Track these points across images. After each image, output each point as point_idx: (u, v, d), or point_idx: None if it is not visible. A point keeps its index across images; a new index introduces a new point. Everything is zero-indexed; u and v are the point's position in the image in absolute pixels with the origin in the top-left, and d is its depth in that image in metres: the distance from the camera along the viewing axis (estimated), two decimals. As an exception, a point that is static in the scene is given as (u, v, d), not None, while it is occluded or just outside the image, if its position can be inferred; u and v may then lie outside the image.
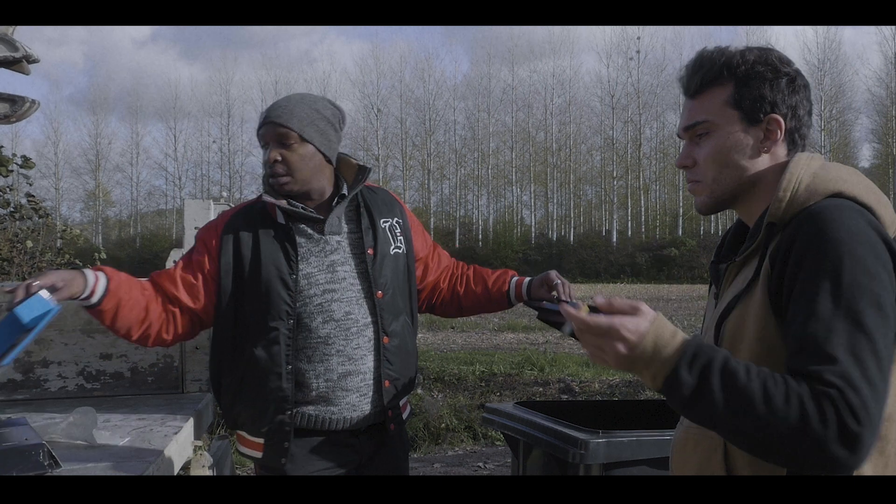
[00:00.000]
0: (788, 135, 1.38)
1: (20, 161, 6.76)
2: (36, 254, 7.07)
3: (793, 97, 1.38)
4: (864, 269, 1.21)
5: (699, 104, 1.41)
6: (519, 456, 2.60)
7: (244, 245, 2.17)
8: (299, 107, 2.17)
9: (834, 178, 1.33)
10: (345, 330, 2.16)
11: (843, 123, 41.95)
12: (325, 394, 2.16)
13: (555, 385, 8.37)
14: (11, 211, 6.97)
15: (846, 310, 1.19)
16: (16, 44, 2.42)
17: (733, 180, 1.40)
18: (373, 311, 2.20)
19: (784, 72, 1.37)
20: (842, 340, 1.18)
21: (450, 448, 6.52)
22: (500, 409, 2.66)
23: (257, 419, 2.17)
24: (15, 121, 2.47)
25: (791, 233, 1.27)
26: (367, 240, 2.23)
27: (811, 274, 1.22)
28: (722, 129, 1.39)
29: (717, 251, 1.54)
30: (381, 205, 2.32)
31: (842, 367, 1.16)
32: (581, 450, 2.19)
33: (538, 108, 45.92)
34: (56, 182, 45.93)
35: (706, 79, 1.40)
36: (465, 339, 12.63)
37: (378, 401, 2.21)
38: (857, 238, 1.23)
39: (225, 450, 3.10)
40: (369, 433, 2.24)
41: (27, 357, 2.69)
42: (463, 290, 2.48)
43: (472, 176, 46.93)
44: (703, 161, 1.41)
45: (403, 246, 2.31)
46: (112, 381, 2.72)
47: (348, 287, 2.19)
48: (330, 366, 2.15)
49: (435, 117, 45.84)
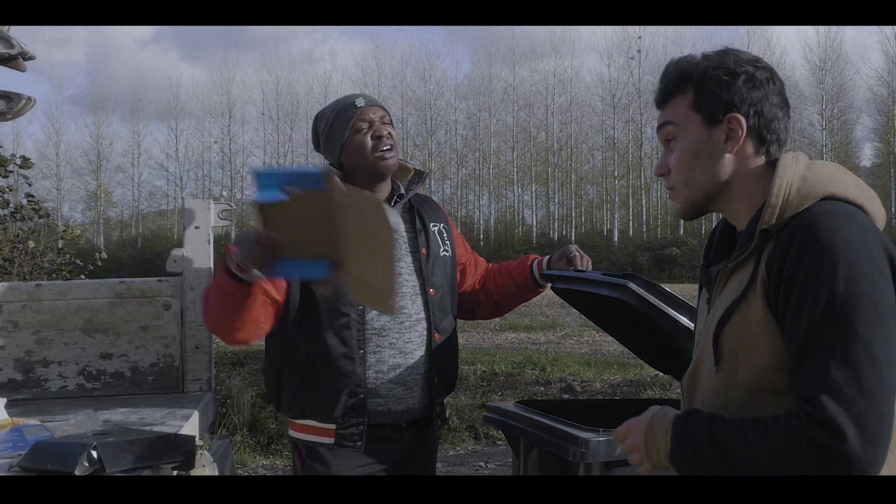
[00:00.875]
0: (753, 132, 1.39)
1: (19, 161, 6.77)
2: (37, 254, 7.07)
3: (753, 94, 1.39)
4: (859, 276, 1.21)
5: (664, 115, 1.47)
6: (520, 455, 2.60)
7: None
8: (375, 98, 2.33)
9: (824, 179, 1.34)
10: (398, 323, 2.21)
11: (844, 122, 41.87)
12: (374, 384, 2.19)
13: (556, 384, 8.36)
14: (12, 211, 6.97)
15: (842, 319, 1.20)
16: (11, 40, 2.42)
17: (703, 182, 1.42)
18: (425, 308, 2.26)
19: (740, 71, 1.39)
20: (835, 353, 1.19)
21: (451, 448, 6.53)
22: (501, 407, 2.66)
23: (330, 404, 2.18)
24: (11, 118, 2.46)
25: (786, 241, 1.28)
26: (420, 240, 2.31)
27: (806, 284, 1.23)
28: (686, 132, 1.42)
29: (705, 254, 1.54)
30: (430, 210, 2.41)
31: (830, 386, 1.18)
32: (581, 448, 2.19)
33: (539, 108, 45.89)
34: (57, 182, 45.91)
35: (668, 89, 1.45)
36: (467, 339, 12.63)
37: (425, 396, 2.27)
38: (852, 245, 1.23)
39: (226, 449, 3.10)
40: (410, 429, 2.28)
41: (28, 357, 2.69)
42: (493, 285, 2.54)
43: (473, 176, 46.89)
44: (674, 166, 1.45)
45: (450, 251, 2.39)
46: (112, 381, 2.72)
47: (404, 282, 2.25)
48: (382, 357, 2.19)
49: (436, 117, 45.81)
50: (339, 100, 2.35)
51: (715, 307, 1.42)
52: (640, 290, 2.16)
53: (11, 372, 2.68)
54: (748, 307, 1.32)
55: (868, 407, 1.17)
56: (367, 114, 2.25)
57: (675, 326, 2.15)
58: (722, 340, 1.36)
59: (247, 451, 6.19)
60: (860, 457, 1.17)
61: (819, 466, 1.18)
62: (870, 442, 1.17)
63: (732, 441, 1.26)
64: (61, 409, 2.31)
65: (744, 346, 1.33)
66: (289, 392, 2.24)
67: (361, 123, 2.24)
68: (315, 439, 2.23)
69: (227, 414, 6.54)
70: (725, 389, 1.35)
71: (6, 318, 2.68)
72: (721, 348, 1.36)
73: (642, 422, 1.43)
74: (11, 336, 2.68)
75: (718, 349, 1.36)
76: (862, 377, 1.18)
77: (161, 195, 49.66)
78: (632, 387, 8.14)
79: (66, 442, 1.72)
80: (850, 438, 1.16)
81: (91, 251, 8.77)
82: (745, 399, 1.32)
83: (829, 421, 1.17)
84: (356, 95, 2.31)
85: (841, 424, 1.16)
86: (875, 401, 1.17)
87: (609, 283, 2.24)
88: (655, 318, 2.16)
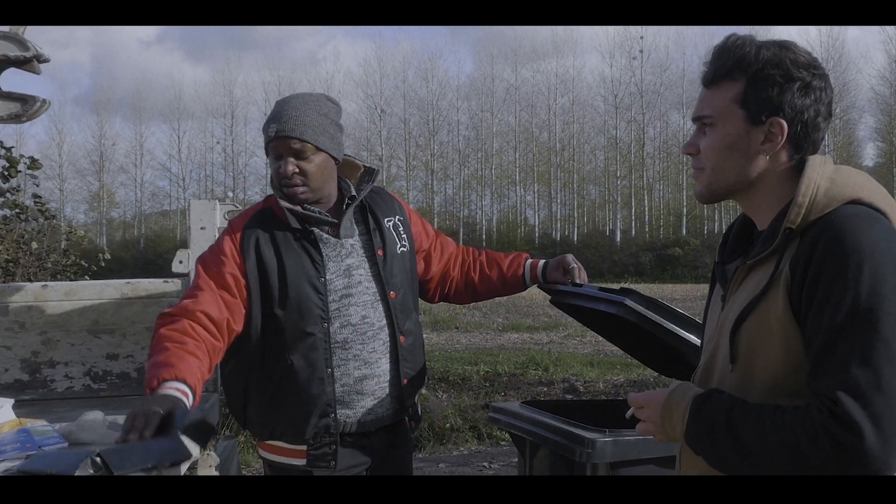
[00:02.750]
0: (791, 140, 1.38)
1: (27, 162, 6.79)
2: (42, 255, 7.08)
3: (802, 101, 1.36)
4: (883, 279, 1.22)
5: (710, 96, 1.43)
6: (525, 455, 2.61)
7: (265, 253, 2.13)
8: (308, 115, 2.15)
9: (851, 184, 1.34)
10: (361, 334, 2.17)
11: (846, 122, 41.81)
12: (342, 398, 2.16)
13: (559, 385, 8.36)
14: (18, 212, 6.98)
15: (863, 320, 1.21)
16: (27, 43, 2.43)
17: (731, 176, 1.41)
18: (387, 313, 2.21)
19: (797, 76, 1.36)
20: (856, 353, 1.20)
21: (454, 448, 6.53)
22: (507, 408, 2.66)
23: (300, 426, 2.14)
24: (26, 120, 2.48)
25: (812, 241, 1.28)
26: (375, 241, 2.25)
27: (831, 284, 1.24)
28: (726, 124, 1.40)
29: (720, 251, 1.54)
30: (383, 204, 2.34)
31: (849, 384, 1.19)
32: (588, 449, 2.20)
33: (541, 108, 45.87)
34: (60, 183, 45.98)
35: (720, 72, 1.41)
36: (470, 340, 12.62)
37: (395, 401, 2.23)
38: (877, 248, 1.24)
39: (231, 450, 3.11)
40: (380, 434, 2.24)
41: (34, 357, 2.70)
42: (477, 276, 2.48)
43: (475, 176, 46.87)
44: (705, 151, 1.43)
45: (407, 244, 2.33)
46: (119, 382, 2.73)
47: (364, 291, 2.20)
48: (347, 370, 2.16)
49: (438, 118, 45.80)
50: (270, 112, 2.23)
51: (731, 304, 1.41)
52: (637, 306, 2.16)
53: (18, 372, 2.69)
54: (769, 305, 1.32)
55: (886, 406, 1.18)
56: (277, 146, 2.15)
57: (675, 339, 2.15)
58: (739, 337, 1.36)
59: (251, 452, 6.19)
60: (876, 455, 1.17)
61: (834, 462, 1.19)
62: (886, 441, 1.17)
63: (750, 427, 1.27)
64: (68, 410, 2.32)
65: (761, 343, 1.33)
66: (257, 413, 2.19)
67: (273, 153, 2.17)
68: (286, 461, 2.19)
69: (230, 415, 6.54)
70: (740, 388, 1.35)
71: (13, 318, 2.69)
72: (738, 345, 1.36)
73: (661, 396, 1.43)
74: (18, 337, 2.69)
75: (735, 346, 1.36)
76: (882, 377, 1.19)
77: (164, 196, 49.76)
78: (635, 387, 8.14)
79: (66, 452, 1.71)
80: (866, 436, 1.17)
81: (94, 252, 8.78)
82: (762, 399, 1.32)
83: (847, 418, 1.18)
84: (275, 119, 2.16)
85: (858, 422, 1.17)
86: (893, 401, 1.18)
87: (607, 299, 2.24)
88: (655, 332, 2.17)
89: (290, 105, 2.18)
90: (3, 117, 2.47)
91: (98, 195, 47.93)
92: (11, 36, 2.42)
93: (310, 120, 2.15)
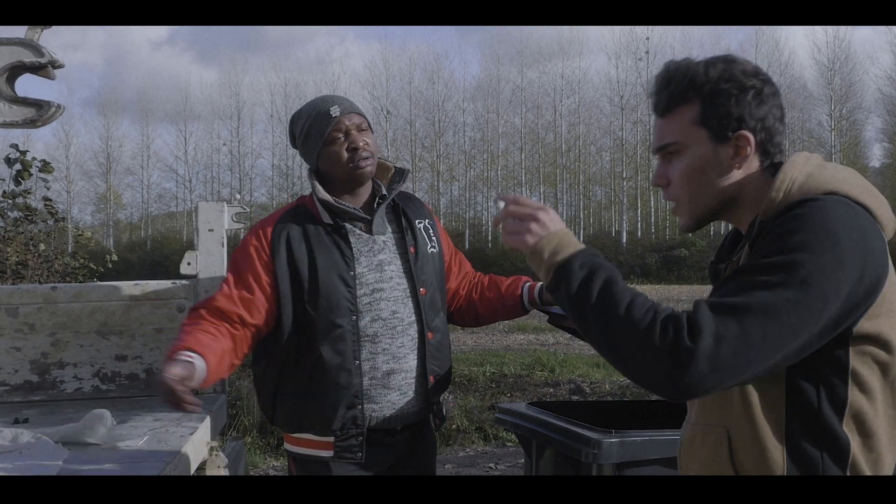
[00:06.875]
0: (759, 147, 1.38)
1: (39, 165, 6.83)
2: (50, 257, 7.11)
3: (760, 109, 1.37)
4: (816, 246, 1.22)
5: (667, 124, 1.42)
6: (532, 456, 2.61)
7: (297, 248, 2.18)
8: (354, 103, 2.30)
9: (829, 177, 1.33)
10: (391, 328, 2.20)
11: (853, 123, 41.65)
12: (368, 391, 2.18)
13: (565, 386, 8.36)
14: (27, 214, 7.02)
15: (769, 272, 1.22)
16: (42, 49, 2.46)
17: (710, 198, 1.41)
18: (417, 309, 2.25)
19: (749, 85, 1.37)
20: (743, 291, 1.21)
21: (461, 449, 6.53)
22: (513, 409, 2.67)
23: (329, 417, 2.17)
24: (41, 125, 2.50)
25: (775, 219, 1.29)
26: (408, 239, 2.29)
27: (766, 242, 1.26)
28: (691, 148, 1.39)
29: (717, 252, 1.55)
30: (414, 208, 2.39)
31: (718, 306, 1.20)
32: (594, 449, 2.20)
33: (547, 110, 45.81)
34: (68, 185, 46.13)
35: (673, 98, 1.41)
36: (476, 341, 12.63)
37: (421, 398, 2.25)
38: (825, 225, 1.24)
39: (239, 450, 3.12)
40: (405, 432, 2.26)
41: (43, 359, 2.72)
42: (478, 296, 2.49)
43: (481, 177, 46.85)
44: (676, 181, 1.43)
45: (437, 246, 2.37)
46: (127, 383, 2.75)
47: (395, 286, 2.23)
48: (376, 364, 2.18)
49: (444, 119, 45.79)
50: (315, 102, 2.30)
51: None
52: None
53: (27, 374, 2.70)
54: None
55: (734, 337, 1.18)
56: (342, 123, 2.21)
57: None
58: None
59: (257, 453, 6.21)
60: (698, 368, 1.17)
61: (662, 352, 1.19)
62: (712, 362, 1.17)
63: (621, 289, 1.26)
64: (77, 411, 2.33)
65: None
66: (286, 406, 2.22)
67: (336, 133, 2.21)
68: (313, 453, 2.21)
69: (238, 416, 6.56)
70: None
71: (22, 320, 2.70)
72: None
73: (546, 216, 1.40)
74: (27, 338, 2.70)
75: None
76: (747, 314, 1.19)
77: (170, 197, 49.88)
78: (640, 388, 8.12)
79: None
80: (701, 348, 1.17)
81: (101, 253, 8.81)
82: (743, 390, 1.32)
83: (695, 323, 1.19)
84: (331, 102, 2.26)
85: (703, 333, 1.17)
86: (744, 339, 1.18)
87: None
88: None
89: (335, 96, 2.33)
90: (18, 122, 2.49)
91: (105, 197, 48.10)
92: (27, 42, 2.45)
93: (356, 105, 2.30)
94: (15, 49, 2.46)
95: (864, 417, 1.28)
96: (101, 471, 1.79)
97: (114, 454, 1.97)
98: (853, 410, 1.28)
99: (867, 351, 1.27)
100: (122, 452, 1.99)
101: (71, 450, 1.97)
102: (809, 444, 1.28)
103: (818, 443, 1.28)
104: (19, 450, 1.96)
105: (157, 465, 1.83)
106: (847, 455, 1.28)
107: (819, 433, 1.28)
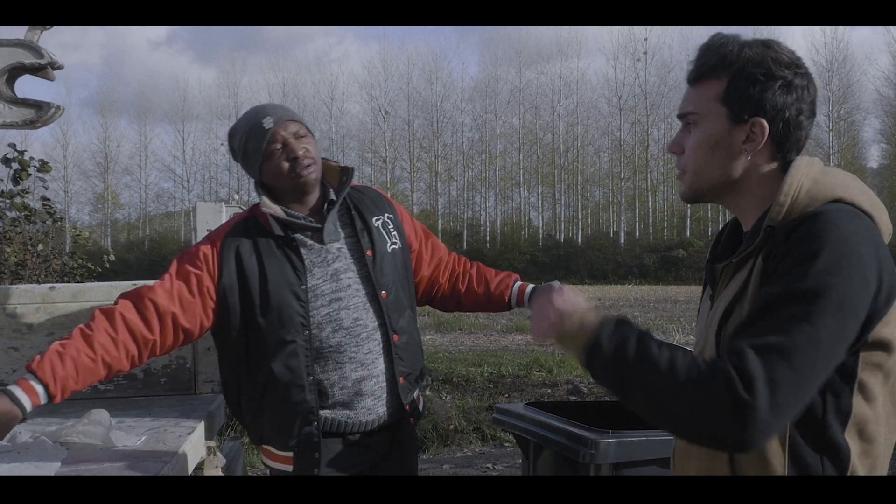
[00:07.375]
0: (773, 139, 1.38)
1: (37, 165, 6.82)
2: (48, 257, 7.10)
3: (783, 100, 1.36)
4: (838, 268, 1.22)
5: (694, 93, 1.44)
6: (529, 456, 2.62)
7: (247, 261, 2.14)
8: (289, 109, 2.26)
9: (834, 183, 1.34)
10: (355, 336, 2.17)
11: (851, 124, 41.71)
12: (343, 400, 2.17)
13: (563, 386, 8.37)
14: (26, 214, 7.02)
15: (802, 299, 1.21)
16: (41, 50, 2.46)
17: (713, 176, 1.42)
18: (379, 314, 2.21)
19: (778, 75, 1.36)
20: (781, 325, 1.20)
21: (458, 449, 6.54)
22: (511, 409, 2.67)
23: (284, 434, 2.15)
24: (40, 126, 2.50)
25: (786, 233, 1.29)
26: (364, 242, 2.24)
27: (787, 264, 1.25)
28: (708, 122, 1.41)
29: (711, 250, 1.55)
30: (370, 203, 2.33)
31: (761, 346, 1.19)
32: (591, 450, 2.21)
33: (545, 110, 45.87)
34: (65, 185, 46.10)
35: (703, 70, 1.42)
36: (474, 341, 12.63)
37: (394, 400, 2.23)
38: (844, 240, 1.24)
39: (237, 450, 3.12)
40: (383, 432, 2.25)
41: (41, 359, 2.71)
42: (465, 289, 2.47)
43: (479, 178, 46.87)
44: (689, 150, 1.44)
45: (399, 241, 2.32)
46: (125, 383, 2.74)
47: (354, 293, 2.19)
48: (344, 373, 2.16)
49: (442, 119, 45.85)
50: (248, 116, 2.24)
51: (718, 302, 1.42)
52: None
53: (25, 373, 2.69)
54: (748, 300, 1.32)
55: (787, 379, 1.17)
56: (277, 134, 2.16)
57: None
58: (724, 335, 1.36)
59: (255, 453, 6.21)
60: (762, 419, 1.16)
61: (721, 408, 1.17)
62: (774, 410, 1.16)
63: (658, 350, 1.25)
64: (74, 411, 2.33)
65: None
66: (247, 419, 2.22)
67: (274, 146, 2.16)
68: (277, 466, 2.22)
69: (235, 416, 6.56)
70: None
71: (20, 320, 2.70)
72: (723, 342, 1.36)
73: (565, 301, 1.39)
74: (25, 338, 2.70)
75: (721, 343, 1.36)
76: (794, 353, 1.18)
77: (168, 197, 49.88)
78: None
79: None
80: (758, 397, 1.16)
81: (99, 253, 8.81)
82: None
83: (747, 374, 1.17)
84: (264, 113, 2.19)
85: (756, 381, 1.16)
86: (797, 378, 1.18)
87: None
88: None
89: (267, 105, 2.26)
90: (17, 123, 2.49)
91: (103, 196, 48.08)
92: (27, 43, 2.45)
93: (292, 112, 2.25)
94: (14, 50, 2.46)
95: (865, 424, 1.28)
96: (99, 471, 1.79)
97: (112, 454, 1.97)
98: (856, 419, 1.28)
99: (874, 357, 1.27)
100: (120, 452, 1.99)
101: (69, 450, 1.97)
102: (810, 451, 1.28)
103: (819, 450, 1.28)
104: (17, 450, 1.96)
105: (156, 465, 1.83)
106: (847, 462, 1.28)
107: (821, 441, 1.28)
